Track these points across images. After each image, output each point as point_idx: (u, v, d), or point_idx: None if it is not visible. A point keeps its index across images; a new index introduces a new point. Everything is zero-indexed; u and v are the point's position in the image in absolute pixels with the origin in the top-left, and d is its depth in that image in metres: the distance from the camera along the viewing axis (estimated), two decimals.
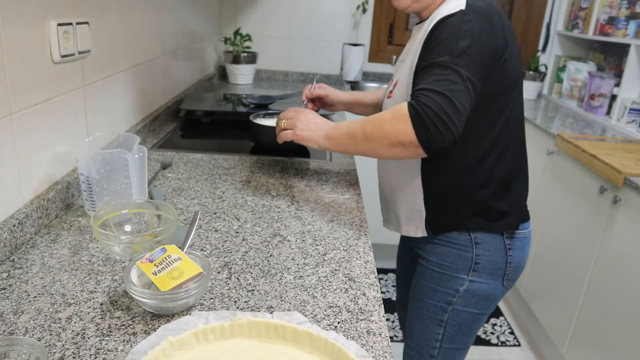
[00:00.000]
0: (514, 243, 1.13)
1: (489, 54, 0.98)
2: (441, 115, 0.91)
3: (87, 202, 1.01)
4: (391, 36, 3.01)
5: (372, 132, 1.00)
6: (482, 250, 1.11)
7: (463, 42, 0.94)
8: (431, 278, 1.16)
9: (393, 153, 0.99)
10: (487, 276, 1.13)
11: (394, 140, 0.96)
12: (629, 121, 2.29)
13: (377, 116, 1.01)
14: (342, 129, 1.07)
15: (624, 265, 1.67)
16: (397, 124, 0.95)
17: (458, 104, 0.92)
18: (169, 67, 1.85)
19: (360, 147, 1.03)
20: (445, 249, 1.13)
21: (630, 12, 2.36)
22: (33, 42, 0.94)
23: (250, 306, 0.77)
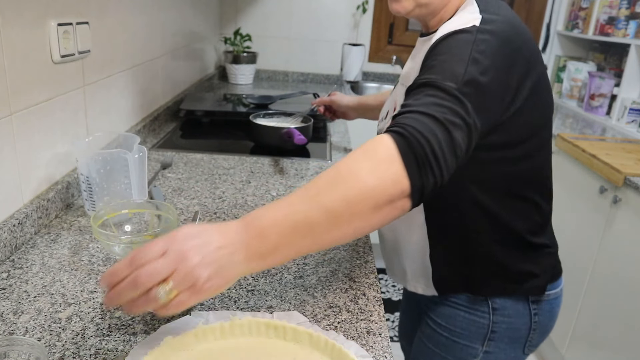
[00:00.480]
0: (541, 307, 0.93)
1: (505, 88, 0.74)
2: (436, 150, 0.64)
3: (87, 202, 1.01)
4: (391, 36, 3.01)
5: (342, 199, 0.61)
6: (501, 317, 0.91)
7: (473, 68, 0.70)
8: (438, 343, 0.97)
9: (377, 220, 0.64)
10: (505, 345, 0.93)
11: (380, 198, 0.62)
12: (629, 121, 2.29)
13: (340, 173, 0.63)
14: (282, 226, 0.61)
15: (624, 265, 1.67)
16: (382, 169, 0.62)
17: (457, 143, 0.66)
18: (169, 67, 1.85)
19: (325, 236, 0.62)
20: (456, 312, 0.93)
21: (630, 12, 2.36)
22: (33, 42, 0.94)
23: (250, 306, 0.77)
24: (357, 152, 0.65)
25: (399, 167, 0.62)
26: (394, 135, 0.65)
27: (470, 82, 0.70)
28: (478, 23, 0.75)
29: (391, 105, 0.97)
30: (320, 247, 0.64)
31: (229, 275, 0.59)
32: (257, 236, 0.60)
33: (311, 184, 0.63)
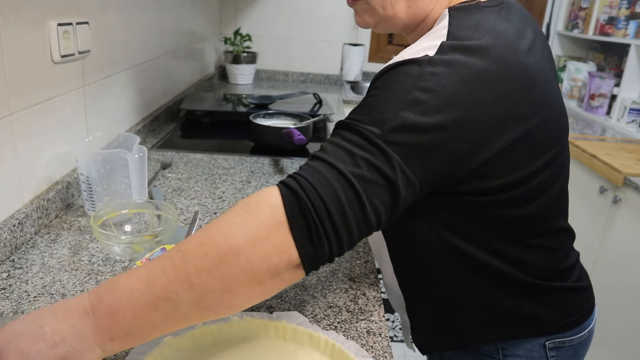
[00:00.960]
0: (561, 354, 0.77)
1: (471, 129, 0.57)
2: (335, 217, 0.52)
3: (87, 202, 1.01)
4: (391, 36, 3.01)
5: (209, 275, 0.51)
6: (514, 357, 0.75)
7: (410, 110, 0.55)
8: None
9: (259, 295, 0.54)
10: None
11: (262, 273, 0.52)
12: (629, 121, 2.29)
13: (210, 244, 0.51)
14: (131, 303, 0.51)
15: (624, 265, 1.67)
16: (262, 236, 0.51)
17: (368, 205, 0.54)
18: (169, 67, 1.85)
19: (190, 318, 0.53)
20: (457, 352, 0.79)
21: (630, 12, 2.36)
22: (33, 42, 0.94)
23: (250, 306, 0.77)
24: (236, 211, 0.53)
25: (286, 235, 0.51)
26: (284, 191, 0.53)
27: (401, 128, 0.55)
28: (433, 53, 0.58)
29: None
30: (187, 324, 0.53)
31: None
32: (106, 324, 0.50)
33: (173, 262, 0.51)
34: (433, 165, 0.57)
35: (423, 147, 0.56)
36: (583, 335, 0.79)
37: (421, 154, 0.56)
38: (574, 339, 0.78)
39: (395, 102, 0.56)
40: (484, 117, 0.57)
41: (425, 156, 0.56)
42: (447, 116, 0.55)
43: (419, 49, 0.59)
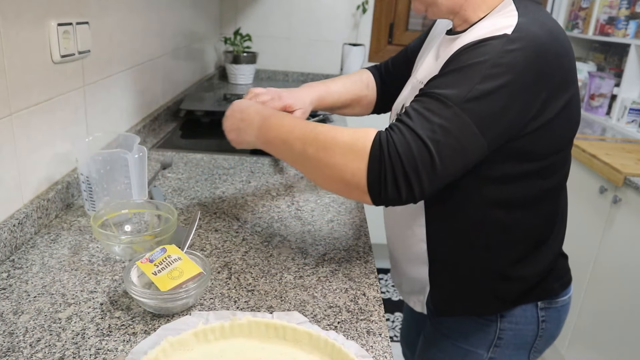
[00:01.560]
0: (549, 314, 0.90)
1: (527, 104, 0.71)
2: (407, 169, 0.68)
3: (87, 202, 1.01)
4: (391, 36, 3.01)
5: (315, 152, 0.74)
6: (509, 323, 0.89)
7: (487, 84, 0.68)
8: (443, 348, 0.95)
9: (332, 187, 0.76)
10: (511, 351, 0.91)
11: (337, 175, 0.73)
12: (629, 121, 2.29)
13: (329, 134, 0.74)
14: (279, 132, 0.81)
15: (624, 265, 1.67)
16: (350, 158, 0.71)
17: (438, 161, 0.68)
18: (169, 67, 1.85)
19: (297, 163, 0.80)
20: (462, 318, 0.92)
21: (630, 12, 2.36)
22: (33, 42, 0.94)
23: (250, 306, 0.77)
24: (348, 132, 0.74)
25: (363, 165, 0.70)
26: (376, 138, 0.70)
27: (478, 98, 0.68)
28: (511, 31, 0.70)
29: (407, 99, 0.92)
30: (292, 164, 0.82)
31: (243, 138, 0.88)
32: (263, 129, 0.84)
33: (310, 129, 0.77)
34: (502, 128, 0.70)
35: (494, 112, 0.69)
36: (565, 300, 0.92)
37: (493, 119, 0.69)
38: (559, 301, 0.91)
39: (476, 73, 0.68)
40: (546, 85, 0.70)
41: (496, 120, 0.69)
42: (518, 85, 0.68)
43: (497, 27, 0.72)
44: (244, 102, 0.91)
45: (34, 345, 0.66)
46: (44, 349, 0.65)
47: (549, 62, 0.70)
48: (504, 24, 0.72)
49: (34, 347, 0.65)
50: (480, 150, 0.71)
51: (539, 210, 0.83)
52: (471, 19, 0.81)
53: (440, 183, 0.71)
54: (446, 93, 0.69)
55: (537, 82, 0.70)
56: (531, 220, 0.83)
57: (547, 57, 0.70)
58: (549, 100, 0.72)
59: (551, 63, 0.71)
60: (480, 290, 0.86)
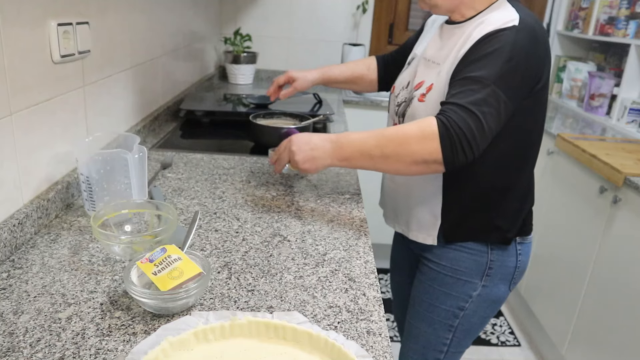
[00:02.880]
0: (522, 249, 1.13)
1: (532, 77, 0.96)
2: (469, 138, 0.91)
3: (87, 202, 1.01)
4: (391, 36, 3.01)
5: (394, 149, 0.95)
6: (497, 256, 1.10)
7: (510, 63, 0.92)
8: (443, 283, 1.13)
9: (414, 170, 0.96)
10: (498, 281, 1.12)
11: (418, 159, 0.93)
12: (629, 121, 2.29)
13: (399, 132, 0.95)
14: (354, 147, 0.98)
15: (624, 265, 1.67)
16: (425, 143, 0.92)
17: (486, 126, 0.91)
18: (169, 67, 1.85)
19: (377, 164, 0.98)
20: (459, 254, 1.10)
21: (630, 12, 2.36)
22: (33, 42, 0.94)
23: (250, 306, 0.77)
24: (414, 125, 0.94)
25: (437, 144, 0.91)
26: (439, 122, 0.92)
27: (504, 75, 0.92)
28: (517, 23, 0.93)
29: (411, 76, 1.13)
30: (373, 169, 0.99)
31: (317, 164, 1.01)
32: (339, 149, 0.99)
33: (381, 135, 0.96)
34: (521, 92, 0.96)
35: (517, 83, 0.94)
36: (530, 238, 1.16)
37: (517, 88, 0.94)
38: (528, 238, 1.15)
39: (500, 57, 0.92)
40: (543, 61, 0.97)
41: (518, 88, 0.94)
42: (529, 62, 0.94)
43: (505, 20, 0.94)
44: (304, 136, 1.04)
45: (34, 345, 0.66)
46: (44, 349, 0.65)
47: (543, 45, 0.96)
48: (509, 17, 0.95)
49: (34, 347, 0.65)
50: (510, 113, 0.95)
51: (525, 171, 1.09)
52: (467, 15, 1.03)
53: (488, 142, 0.94)
54: (481, 74, 0.92)
55: (538, 59, 0.96)
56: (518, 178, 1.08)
57: (541, 41, 0.96)
58: (543, 72, 0.98)
59: (543, 46, 0.97)
60: (483, 221, 1.08)
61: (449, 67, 1.00)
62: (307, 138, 1.03)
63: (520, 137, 1.03)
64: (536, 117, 1.04)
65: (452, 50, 1.01)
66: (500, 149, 1.02)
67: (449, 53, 1.02)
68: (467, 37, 0.98)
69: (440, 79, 1.02)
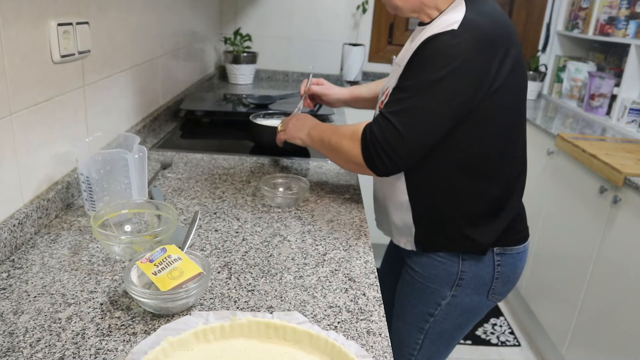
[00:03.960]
0: (504, 260, 1.08)
1: (476, 81, 0.89)
2: (384, 146, 0.93)
3: (87, 202, 1.01)
4: (391, 36, 3.01)
5: (335, 144, 1.05)
6: (469, 266, 1.07)
7: (442, 71, 0.88)
8: (415, 288, 1.14)
9: (349, 167, 1.05)
10: (471, 291, 1.09)
11: (348, 158, 1.02)
12: (629, 121, 2.29)
13: (341, 130, 1.05)
14: (319, 132, 1.12)
15: (624, 265, 1.67)
16: (351, 144, 1.00)
17: (407, 136, 0.91)
18: (169, 67, 1.85)
19: (327, 153, 1.10)
20: (431, 261, 1.09)
21: (630, 12, 2.36)
22: (33, 42, 0.94)
23: (250, 306, 0.77)
24: (352, 126, 1.02)
25: (359, 150, 0.98)
26: (365, 128, 0.98)
27: (434, 84, 0.89)
28: (457, 26, 0.89)
29: (388, 82, 1.10)
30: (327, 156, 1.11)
31: (296, 133, 1.19)
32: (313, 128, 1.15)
33: (335, 128, 1.08)
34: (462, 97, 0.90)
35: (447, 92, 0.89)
36: (520, 249, 1.10)
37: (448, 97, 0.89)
38: (514, 249, 1.09)
39: (431, 64, 0.89)
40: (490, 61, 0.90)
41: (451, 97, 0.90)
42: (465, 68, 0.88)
43: (447, 23, 0.90)
44: (301, 114, 1.24)
45: (34, 345, 0.66)
46: (44, 349, 0.65)
47: (493, 45, 0.89)
48: (452, 20, 0.90)
49: (34, 347, 0.65)
50: (442, 122, 0.92)
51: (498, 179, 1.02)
52: (433, 15, 1.00)
53: (416, 153, 0.95)
54: (407, 84, 0.92)
55: (484, 61, 0.89)
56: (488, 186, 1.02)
57: (491, 41, 0.89)
58: (497, 72, 0.90)
59: (494, 46, 0.89)
60: (452, 231, 1.05)
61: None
62: (306, 116, 1.22)
63: (484, 142, 0.97)
64: (499, 122, 0.96)
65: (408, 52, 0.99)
66: (460, 157, 0.98)
67: (408, 51, 1.00)
68: (418, 42, 0.95)
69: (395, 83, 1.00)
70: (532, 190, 2.40)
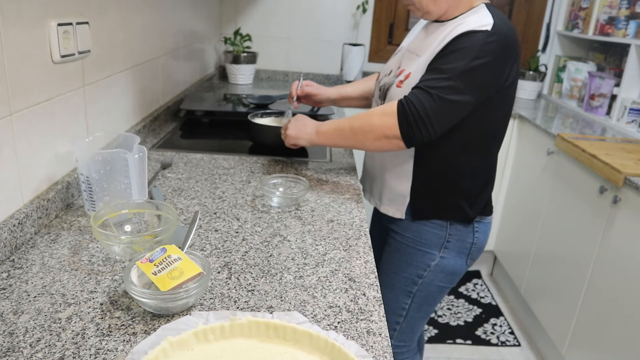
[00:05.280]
0: (480, 227, 1.24)
1: (497, 78, 1.06)
2: (422, 115, 1.03)
3: (87, 202, 1.01)
4: (391, 36, 3.01)
5: (360, 126, 1.12)
6: (455, 230, 1.21)
7: (476, 62, 1.02)
8: (405, 253, 1.25)
9: (378, 146, 1.11)
10: (455, 254, 1.23)
11: (380, 134, 1.09)
12: (629, 121, 2.29)
13: (366, 112, 1.13)
14: (331, 125, 1.19)
15: (624, 265, 1.67)
16: (384, 119, 1.08)
17: (443, 110, 1.03)
18: (169, 67, 1.85)
19: (348, 140, 1.16)
20: (422, 227, 1.22)
21: (630, 12, 2.36)
22: (33, 42, 0.94)
23: (250, 306, 0.77)
24: (377, 107, 1.12)
25: (394, 120, 1.07)
26: (399, 102, 1.07)
27: (468, 72, 1.03)
28: (490, 28, 1.04)
29: (395, 65, 1.24)
30: (345, 145, 1.18)
31: (300, 135, 1.24)
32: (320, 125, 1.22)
33: (351, 117, 1.15)
34: (485, 88, 1.06)
35: (480, 80, 1.04)
36: (489, 219, 1.28)
37: (478, 84, 1.05)
38: (487, 218, 1.27)
39: (468, 54, 1.03)
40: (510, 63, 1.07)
41: (481, 84, 1.05)
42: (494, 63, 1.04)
43: (480, 23, 1.05)
44: (300, 115, 1.29)
45: (34, 345, 0.66)
46: (44, 349, 0.65)
47: (512, 50, 1.07)
48: (484, 22, 1.05)
49: (34, 347, 0.66)
50: (469, 104, 1.05)
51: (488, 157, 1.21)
52: (452, 16, 1.14)
53: (445, 127, 1.06)
54: (446, 67, 1.04)
55: (506, 62, 1.06)
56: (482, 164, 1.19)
57: (511, 46, 1.06)
58: (510, 72, 1.08)
59: (513, 51, 1.07)
60: (446, 202, 1.19)
61: (427, 59, 1.11)
62: (303, 117, 1.28)
63: (487, 126, 1.14)
64: (503, 110, 1.15)
65: (432, 44, 1.12)
66: (467, 136, 1.12)
67: (429, 46, 1.13)
68: (447, 35, 1.09)
69: (418, 68, 1.13)
70: (532, 190, 2.40)
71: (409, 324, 1.32)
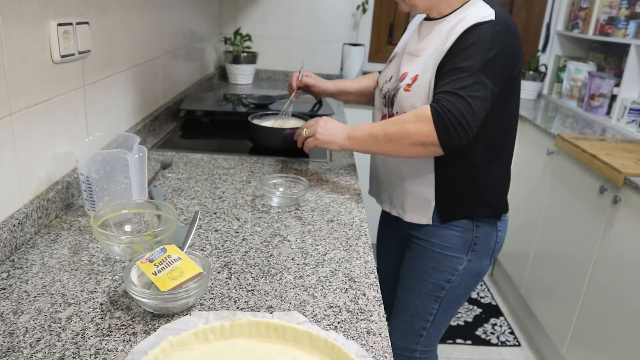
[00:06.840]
0: (501, 225, 1.25)
1: (510, 66, 1.07)
2: (460, 119, 1.02)
3: (87, 202, 1.01)
4: (391, 36, 3.01)
5: (394, 133, 1.08)
6: (481, 232, 1.21)
7: (491, 53, 1.03)
8: (432, 258, 1.24)
9: (414, 152, 1.09)
10: (481, 255, 1.24)
11: (416, 141, 1.06)
12: (629, 121, 2.29)
13: (399, 118, 1.10)
14: (364, 130, 1.15)
15: (624, 265, 1.67)
16: (419, 126, 1.05)
17: (476, 109, 1.03)
18: (169, 67, 1.85)
19: (382, 146, 1.12)
20: (448, 232, 1.21)
21: (630, 12, 2.36)
22: (33, 42, 0.94)
23: (250, 306, 0.77)
24: (410, 112, 1.08)
25: (431, 127, 1.04)
26: (432, 108, 1.04)
27: (487, 64, 1.03)
28: (494, 17, 1.05)
29: (394, 70, 1.23)
30: (378, 151, 1.14)
31: (332, 139, 1.19)
32: (352, 130, 1.17)
33: (384, 121, 1.12)
34: (502, 78, 1.07)
35: (497, 70, 1.05)
36: (507, 216, 1.28)
37: (497, 74, 1.05)
38: (506, 216, 1.27)
39: (482, 47, 1.04)
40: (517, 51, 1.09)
41: (499, 74, 1.06)
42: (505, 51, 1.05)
43: (483, 15, 1.06)
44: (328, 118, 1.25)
45: (34, 345, 0.66)
46: (44, 349, 0.65)
47: (516, 37, 1.08)
48: (485, 12, 1.06)
49: (34, 347, 0.66)
50: (493, 96, 1.06)
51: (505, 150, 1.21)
52: (444, 12, 1.14)
53: (478, 124, 1.05)
54: (466, 64, 1.04)
55: (515, 46, 1.08)
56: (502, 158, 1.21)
57: (514, 33, 1.08)
58: (519, 57, 1.10)
59: (516, 37, 1.08)
60: (475, 200, 1.19)
61: (435, 60, 1.10)
62: (330, 119, 1.23)
63: (501, 118, 1.14)
64: (515, 100, 1.16)
65: (432, 44, 1.12)
66: (485, 132, 1.11)
67: (428, 46, 1.13)
68: (450, 31, 1.09)
69: (426, 70, 1.12)
70: (532, 190, 2.40)
71: (436, 329, 1.31)
